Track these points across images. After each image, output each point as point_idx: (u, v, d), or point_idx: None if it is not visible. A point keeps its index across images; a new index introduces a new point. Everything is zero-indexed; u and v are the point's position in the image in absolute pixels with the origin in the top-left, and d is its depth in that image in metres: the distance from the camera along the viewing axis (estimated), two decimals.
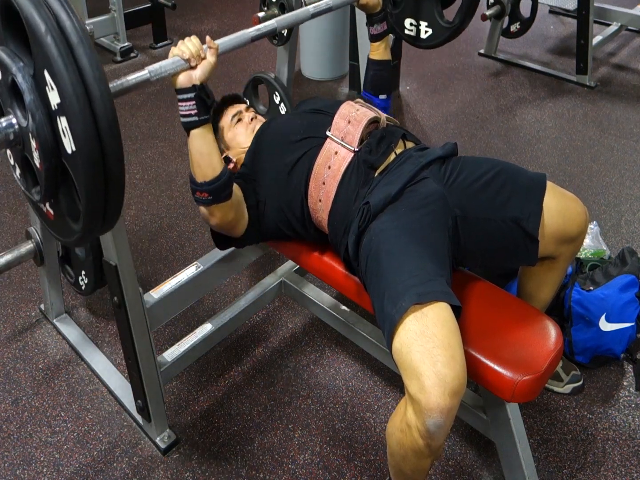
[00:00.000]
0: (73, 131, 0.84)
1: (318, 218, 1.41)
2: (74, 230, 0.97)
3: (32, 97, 0.87)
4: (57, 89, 0.82)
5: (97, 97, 0.84)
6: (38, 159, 0.90)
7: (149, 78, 1.11)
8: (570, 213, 1.33)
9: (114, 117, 0.86)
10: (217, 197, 1.28)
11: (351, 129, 1.38)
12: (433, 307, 1.08)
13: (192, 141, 1.24)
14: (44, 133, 0.87)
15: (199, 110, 1.20)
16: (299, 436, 1.62)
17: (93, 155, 0.86)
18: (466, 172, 1.35)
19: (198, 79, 1.18)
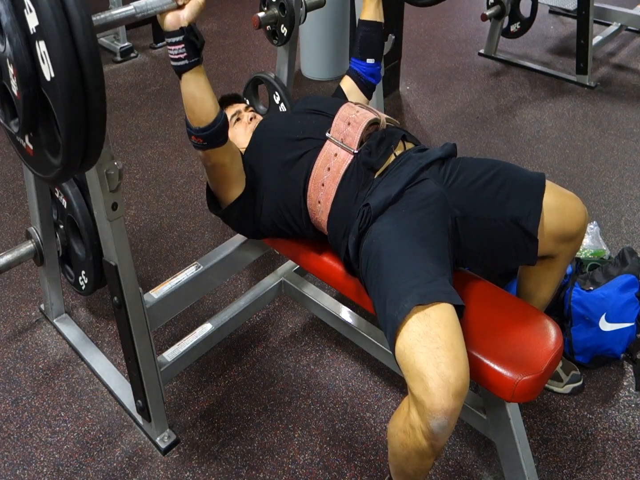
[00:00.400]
0: (52, 56, 0.81)
1: (317, 219, 1.41)
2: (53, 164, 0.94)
3: (9, 19, 0.84)
4: (36, 10, 0.80)
5: (77, 22, 0.81)
6: (16, 87, 0.88)
7: (134, 13, 1.07)
8: (570, 212, 1.33)
9: (94, 43, 0.83)
10: (212, 142, 1.28)
11: (351, 131, 1.38)
12: (435, 307, 1.08)
13: (184, 85, 1.21)
14: (21, 58, 0.84)
15: (189, 53, 1.16)
16: (299, 436, 1.62)
17: (72, 82, 0.82)
18: (465, 172, 1.35)
19: (186, 19, 1.13)
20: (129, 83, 3.51)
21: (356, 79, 1.72)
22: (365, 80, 1.72)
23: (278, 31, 1.95)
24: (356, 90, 1.72)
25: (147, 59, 3.81)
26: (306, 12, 1.93)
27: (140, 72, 3.63)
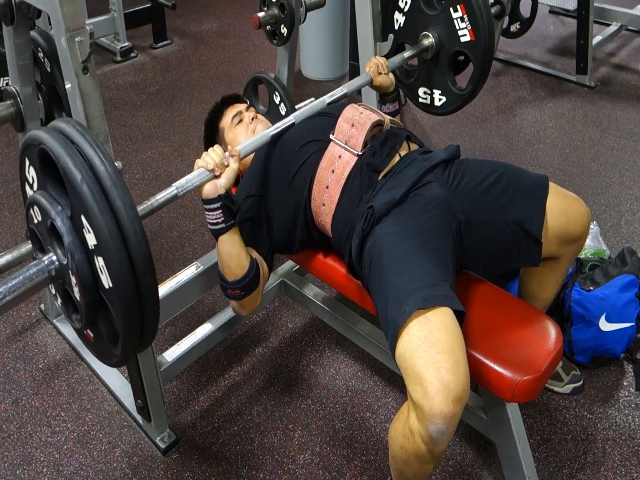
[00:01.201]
0: (109, 270, 0.89)
1: (321, 222, 1.40)
2: (113, 353, 1.03)
3: (70, 239, 0.92)
4: (94, 231, 0.87)
5: (132, 236, 0.88)
6: (78, 293, 0.96)
7: (176, 194, 1.14)
8: (573, 214, 1.33)
9: (147, 253, 0.91)
10: (248, 290, 1.31)
11: (355, 133, 1.37)
12: (437, 312, 1.08)
13: (221, 245, 1.26)
14: (82, 271, 0.93)
15: (226, 217, 1.22)
16: (299, 436, 1.62)
17: (128, 291, 0.90)
18: (469, 175, 1.34)
19: (223, 187, 1.20)
20: (129, 83, 3.51)
21: None
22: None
23: (278, 31, 1.95)
24: None
25: (147, 59, 3.81)
26: (306, 12, 1.93)
27: (140, 72, 3.63)
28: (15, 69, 1.51)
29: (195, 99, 3.34)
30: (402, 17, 1.79)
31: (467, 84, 1.75)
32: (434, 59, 1.76)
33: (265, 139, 1.34)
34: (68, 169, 0.87)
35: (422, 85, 1.86)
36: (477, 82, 1.74)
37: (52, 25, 1.13)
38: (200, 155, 1.25)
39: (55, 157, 0.88)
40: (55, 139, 0.90)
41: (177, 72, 3.66)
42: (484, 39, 1.64)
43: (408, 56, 1.74)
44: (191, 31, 4.21)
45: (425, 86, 1.85)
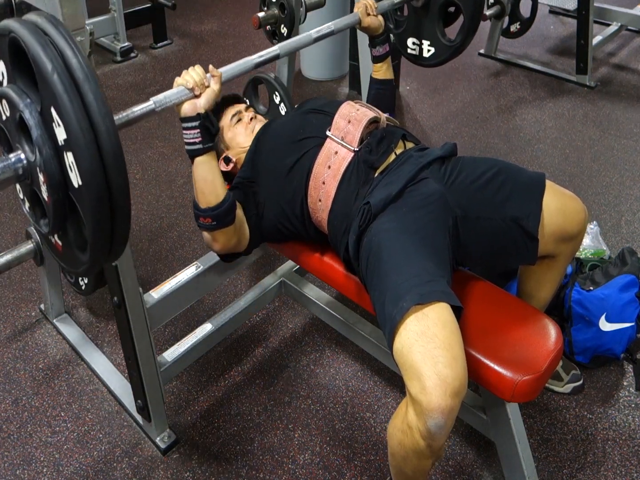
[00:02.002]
0: (79, 166, 0.86)
1: (318, 218, 1.41)
2: (81, 260, 1.00)
3: (39, 133, 0.89)
4: (64, 125, 0.84)
5: (103, 133, 0.86)
6: (46, 193, 0.93)
7: (154, 108, 1.13)
8: (570, 212, 1.33)
9: (119, 151, 0.89)
10: (220, 223, 1.31)
11: (351, 129, 1.38)
12: (434, 307, 1.08)
13: (197, 168, 1.26)
14: (51, 167, 0.90)
15: (203, 138, 1.22)
16: (299, 436, 1.62)
17: (99, 190, 0.88)
18: (466, 171, 1.35)
19: (202, 107, 1.20)
20: (129, 83, 3.51)
21: None
22: None
23: (278, 31, 1.95)
24: None
25: (147, 59, 3.81)
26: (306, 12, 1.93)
27: (140, 72, 3.63)
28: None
29: None
30: None
31: (457, 35, 1.75)
32: (424, 7, 1.75)
33: (249, 65, 1.36)
34: (38, 58, 0.83)
35: (411, 36, 1.85)
36: (466, 33, 1.73)
37: None
38: None
39: (25, 45, 0.85)
40: (26, 28, 0.86)
41: (177, 72, 3.59)
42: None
43: (398, 1, 1.73)
44: (191, 31, 4.21)
45: (415, 37, 1.84)
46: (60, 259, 1.08)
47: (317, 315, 1.91)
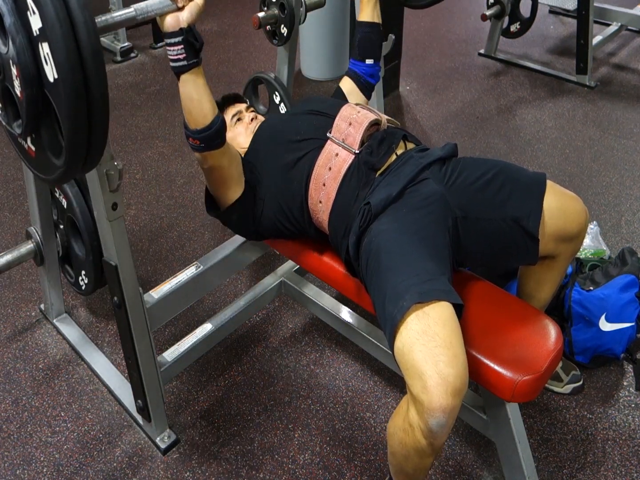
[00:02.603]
0: (55, 58, 0.81)
1: (318, 219, 1.41)
2: (56, 165, 0.94)
3: (12, 20, 0.84)
4: (39, 12, 0.79)
5: (81, 23, 0.80)
6: (19, 88, 0.87)
7: (134, 15, 1.07)
8: (571, 212, 1.33)
9: (97, 44, 0.83)
10: (209, 145, 1.29)
11: (352, 131, 1.38)
12: (434, 306, 1.08)
13: (182, 86, 1.22)
14: (24, 58, 0.84)
15: (188, 54, 1.17)
16: (299, 436, 1.62)
17: (76, 84, 0.82)
18: (466, 172, 1.35)
19: (185, 21, 1.14)
20: (129, 83, 3.51)
21: (356, 79, 1.73)
22: (364, 80, 1.72)
23: (278, 31, 1.95)
24: (356, 91, 1.72)
25: (147, 59, 3.81)
26: (306, 12, 1.93)
27: (140, 72, 3.63)
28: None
29: None
30: None
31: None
32: None
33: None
34: None
35: None
36: None
37: None
38: None
39: None
40: None
41: None
42: None
43: None
44: None
45: None
46: (34, 166, 1.02)
47: (317, 315, 1.91)
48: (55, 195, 1.66)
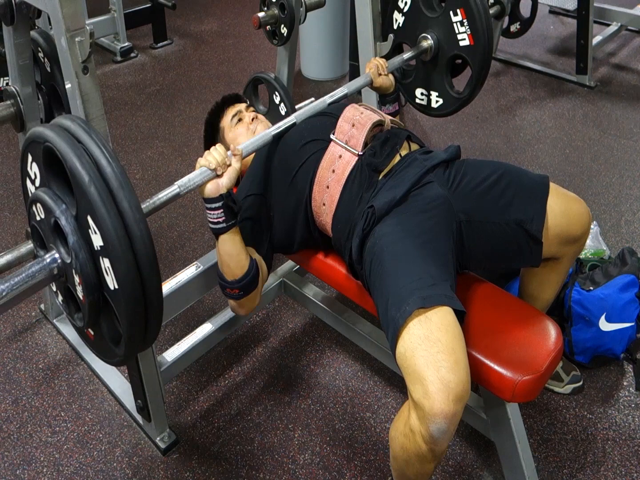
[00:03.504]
0: (116, 271, 0.88)
1: (322, 222, 1.40)
2: (115, 353, 1.02)
3: (75, 239, 0.91)
4: (100, 233, 0.87)
5: (138, 238, 0.88)
6: (81, 293, 0.95)
7: (178, 192, 1.13)
8: (574, 214, 1.33)
9: (153, 256, 0.91)
10: (247, 291, 1.31)
11: (355, 133, 1.37)
12: (437, 311, 1.08)
13: (221, 245, 1.26)
14: (87, 271, 0.92)
15: (227, 217, 1.22)
16: (299, 436, 1.62)
17: (134, 293, 0.90)
18: (469, 175, 1.34)
19: (225, 187, 1.19)
20: (129, 83, 3.51)
21: None
22: None
23: (278, 31, 1.95)
24: None
25: (147, 59, 3.81)
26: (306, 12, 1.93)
27: (140, 72, 3.63)
28: (15, 69, 1.50)
29: (195, 99, 3.34)
30: (402, 18, 1.79)
31: (465, 88, 1.76)
32: (432, 60, 1.76)
33: (267, 138, 1.34)
34: (76, 170, 0.86)
35: (419, 86, 1.86)
36: (474, 86, 1.74)
37: (52, 25, 1.13)
38: (200, 154, 1.25)
39: (62, 157, 0.88)
40: (61, 137, 0.89)
41: (177, 72, 3.66)
42: (483, 44, 1.65)
43: (407, 57, 1.74)
44: (191, 31, 4.21)
45: (423, 87, 1.85)
46: (93, 348, 1.10)
47: (317, 315, 1.91)
48: None
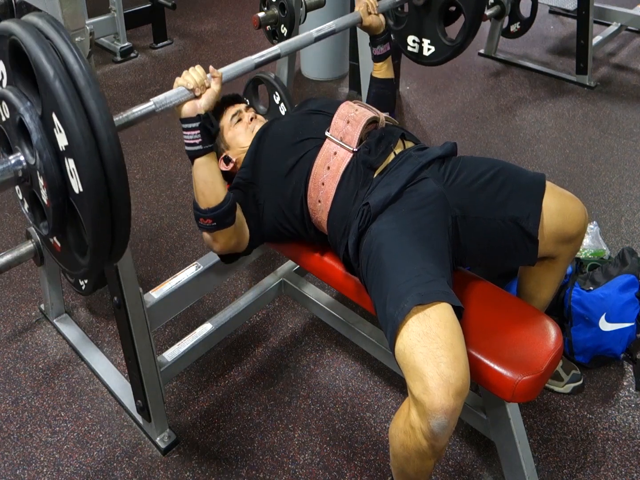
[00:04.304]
0: (80, 173, 0.85)
1: (317, 219, 1.41)
2: (80, 264, 1.00)
3: (39, 137, 0.88)
4: (65, 132, 0.84)
5: (105, 141, 0.86)
6: (46, 196, 0.92)
7: (154, 109, 1.12)
8: (570, 213, 1.33)
9: (120, 159, 0.88)
10: (220, 223, 1.30)
11: (350, 129, 1.38)
12: (435, 307, 1.08)
13: (197, 169, 1.26)
14: (51, 172, 0.89)
15: (203, 139, 1.22)
16: (299, 436, 1.62)
17: (100, 197, 0.87)
18: (466, 171, 1.35)
19: (202, 108, 1.20)
20: (129, 83, 3.51)
21: None
22: None
23: (278, 31, 1.95)
24: None
25: (147, 59, 3.81)
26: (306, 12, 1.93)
27: (140, 72, 3.63)
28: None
29: None
30: None
31: (457, 36, 1.76)
32: (425, 6, 1.75)
33: (249, 65, 1.36)
34: (40, 64, 0.83)
35: (411, 34, 1.86)
36: (467, 34, 1.73)
37: None
38: None
39: (27, 50, 0.84)
40: (27, 31, 0.85)
41: (177, 72, 3.61)
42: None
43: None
44: (191, 31, 4.21)
45: (415, 35, 1.84)
46: (59, 260, 1.07)
47: (317, 315, 1.91)
48: None
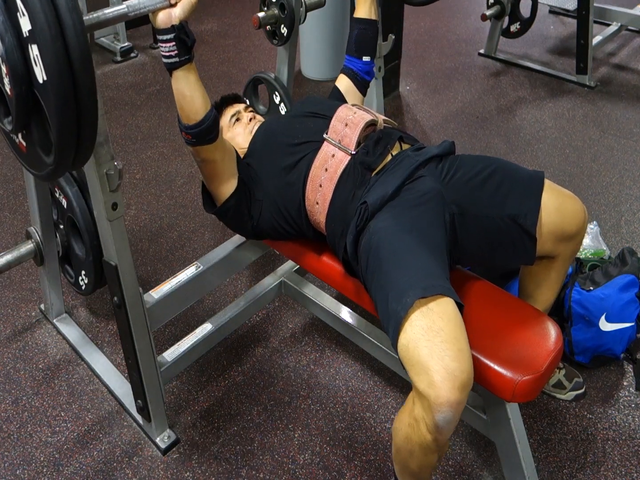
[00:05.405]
0: (44, 61, 0.81)
1: (316, 220, 1.41)
2: (46, 162, 0.96)
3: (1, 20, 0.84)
4: (28, 15, 0.80)
5: (70, 27, 0.81)
6: (9, 85, 0.88)
7: (126, 12, 1.07)
8: (569, 211, 1.33)
9: (86, 47, 0.84)
10: (200, 140, 1.29)
11: (348, 132, 1.38)
12: (438, 302, 1.08)
13: (174, 82, 1.23)
14: (14, 58, 0.85)
15: (180, 50, 1.18)
16: (299, 436, 1.62)
17: (64, 87, 0.83)
18: (463, 169, 1.35)
19: (178, 17, 1.14)
20: (129, 83, 3.51)
21: (352, 77, 1.72)
22: (361, 78, 1.73)
23: (278, 31, 1.95)
24: (353, 88, 1.72)
25: (147, 59, 3.81)
26: (306, 12, 1.93)
27: (140, 72, 3.63)
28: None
29: None
30: None
31: None
32: None
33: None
34: None
35: None
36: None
37: None
38: None
39: None
40: None
41: None
42: None
43: None
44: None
45: None
46: (25, 160, 1.03)
47: (317, 315, 1.91)
48: (55, 195, 1.66)
